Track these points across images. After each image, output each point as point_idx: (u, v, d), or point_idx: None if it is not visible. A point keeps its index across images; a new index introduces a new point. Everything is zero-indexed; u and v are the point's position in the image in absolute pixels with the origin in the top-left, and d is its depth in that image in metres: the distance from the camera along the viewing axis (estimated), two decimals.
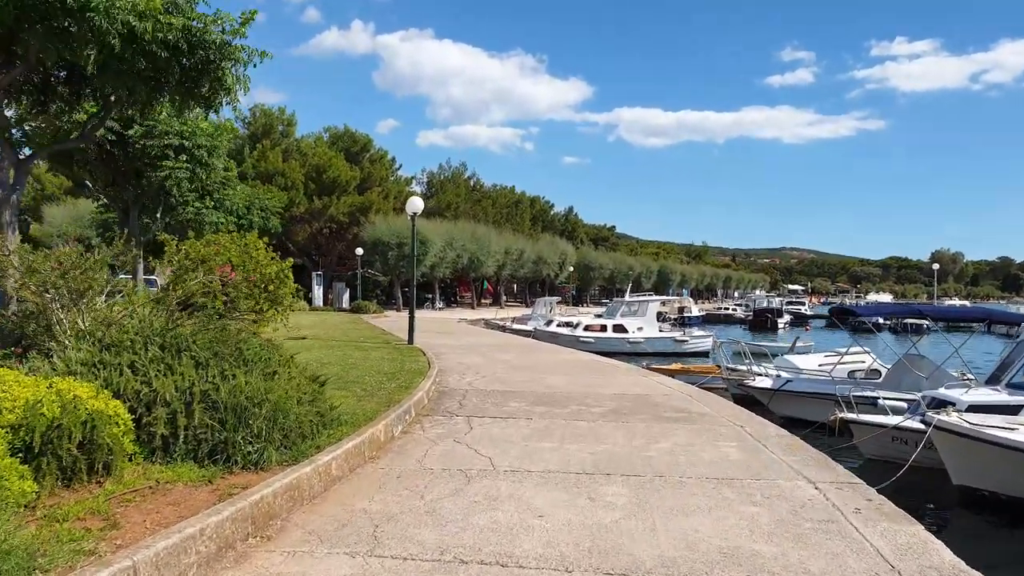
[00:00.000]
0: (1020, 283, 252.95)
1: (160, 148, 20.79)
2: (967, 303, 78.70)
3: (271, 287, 17.26)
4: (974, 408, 10.14)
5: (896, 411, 12.02)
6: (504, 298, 77.75)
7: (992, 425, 8.64)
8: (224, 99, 11.71)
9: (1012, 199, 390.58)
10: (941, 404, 10.70)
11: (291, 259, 17.95)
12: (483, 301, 68.02)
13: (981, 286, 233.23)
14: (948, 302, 66.15)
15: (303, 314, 38.30)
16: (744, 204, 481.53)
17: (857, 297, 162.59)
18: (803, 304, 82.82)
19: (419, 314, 46.63)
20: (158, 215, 22.85)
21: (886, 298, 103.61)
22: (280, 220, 44.32)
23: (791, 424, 15.17)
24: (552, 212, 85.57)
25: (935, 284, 62.30)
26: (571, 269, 71.32)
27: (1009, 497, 8.85)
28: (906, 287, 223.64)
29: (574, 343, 30.18)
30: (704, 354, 32.10)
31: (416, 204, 18.61)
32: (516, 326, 34.73)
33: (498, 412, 9.76)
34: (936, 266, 63.12)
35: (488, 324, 38.10)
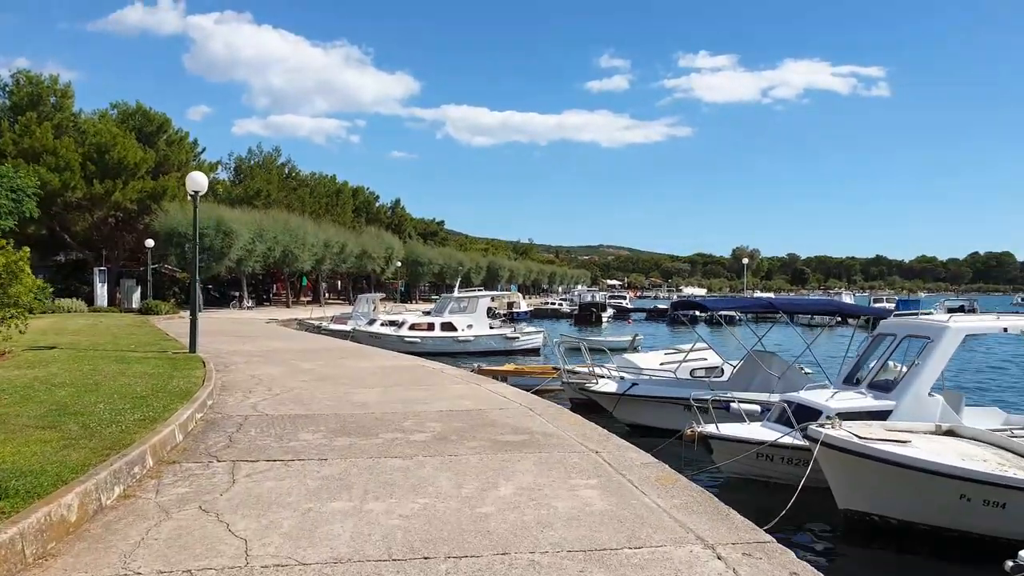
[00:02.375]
0: (805, 277, 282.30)
1: None
2: (771, 295, 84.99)
3: None
4: (843, 415, 9.00)
5: (751, 416, 10.80)
6: (326, 295, 73.31)
7: (883, 439, 7.40)
8: None
9: (796, 202, 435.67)
10: (806, 411, 9.52)
11: (26, 249, 14.01)
12: (301, 299, 63.39)
13: (774, 280, 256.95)
14: (757, 294, 70.87)
15: (77, 316, 32.62)
16: (566, 203, 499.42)
17: (670, 291, 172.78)
18: (624, 298, 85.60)
19: (223, 314, 42.09)
20: None
21: (700, 292, 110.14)
22: (52, 207, 37.89)
23: (639, 432, 13.80)
24: (378, 204, 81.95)
25: (745, 277, 66.57)
26: (399, 264, 68.35)
27: (902, 522, 7.66)
28: (712, 281, 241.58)
29: (398, 344, 27.71)
30: (535, 351, 30.86)
31: (197, 180, 15.29)
32: (333, 326, 31.53)
33: (281, 451, 7.17)
34: (746, 261, 67.54)
35: (302, 324, 34.54)
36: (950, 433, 8.52)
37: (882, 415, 9.33)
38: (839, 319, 13.58)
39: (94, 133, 41.21)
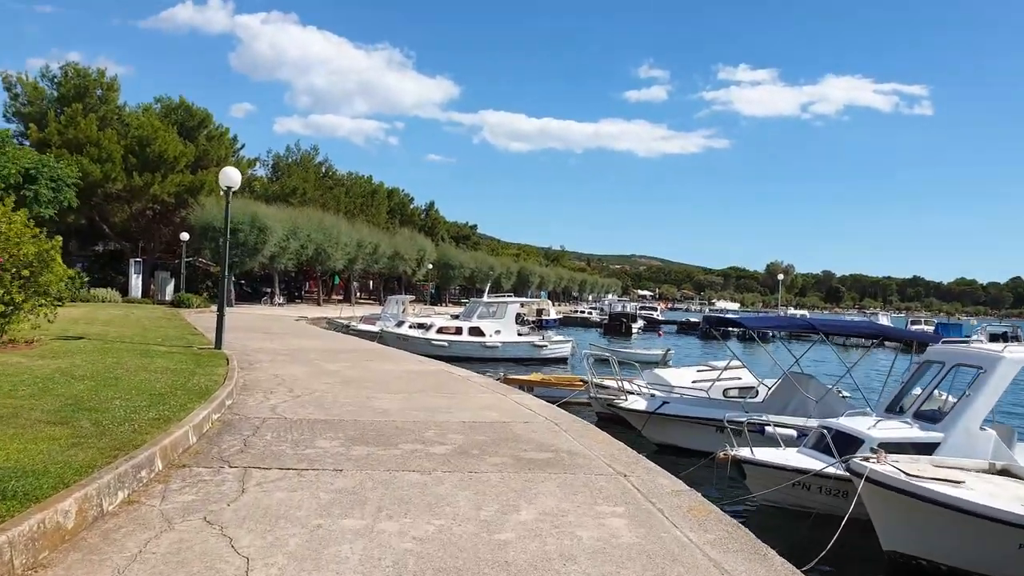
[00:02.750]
0: (840, 295, 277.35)
1: None
2: (806, 312, 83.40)
3: (27, 272, 13.36)
4: (886, 446, 8.46)
5: (787, 440, 10.28)
6: (357, 295, 73.66)
7: (934, 478, 6.88)
8: None
9: (833, 218, 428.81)
10: (847, 439, 9.00)
11: (58, 238, 14.01)
12: (333, 297, 63.70)
13: (808, 296, 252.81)
14: (791, 311, 69.46)
15: (110, 306, 33.02)
16: (599, 211, 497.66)
17: (702, 303, 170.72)
18: (656, 309, 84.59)
19: (254, 310, 42.31)
20: None
21: (733, 306, 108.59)
22: (93, 198, 38.46)
23: (668, 452, 13.32)
24: (412, 206, 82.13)
25: (780, 292, 65.33)
26: (430, 266, 68.35)
27: (952, 569, 7.13)
28: (744, 295, 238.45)
29: (426, 347, 27.45)
30: (563, 360, 30.40)
31: (230, 176, 15.18)
32: (362, 327, 31.41)
33: (296, 458, 6.90)
34: (781, 276, 66.19)
35: (331, 323, 34.51)
36: (1005, 472, 7.96)
37: (928, 448, 8.78)
38: (879, 342, 12.95)
39: (136, 126, 41.80)
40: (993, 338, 46.72)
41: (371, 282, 75.31)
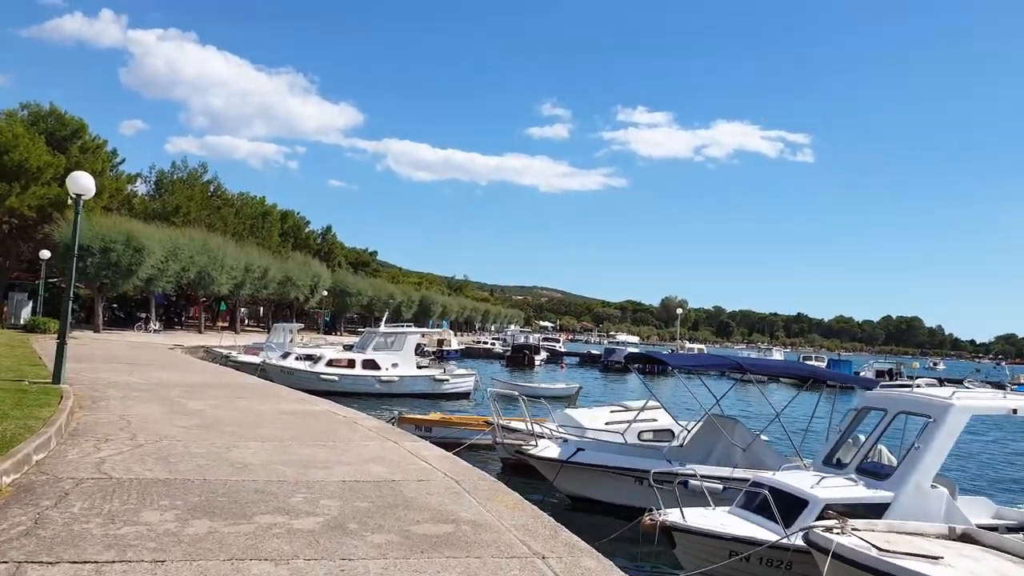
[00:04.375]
0: (730, 330, 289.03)
1: None
2: (703, 347, 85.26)
3: None
4: (832, 507, 7.41)
5: (713, 495, 9.12)
6: (245, 322, 69.60)
7: (909, 554, 5.81)
8: None
9: (724, 256, 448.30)
10: (788, 499, 7.91)
11: None
12: (218, 325, 59.65)
13: (700, 331, 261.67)
14: (687, 344, 70.71)
15: None
16: (502, 243, 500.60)
17: (601, 336, 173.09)
18: (558, 341, 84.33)
19: (125, 337, 38.53)
20: None
21: (632, 339, 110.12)
22: None
23: (584, 506, 11.96)
24: (308, 230, 78.71)
25: (677, 327, 66.31)
26: (325, 293, 65.25)
27: None
28: (641, 328, 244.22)
29: (314, 382, 25.24)
30: (466, 395, 28.75)
31: (80, 183, 12.90)
32: (243, 358, 28.72)
33: (103, 544, 5.08)
34: (680, 312, 67.31)
35: (209, 353, 31.56)
36: (966, 538, 7.04)
37: (878, 508, 7.82)
38: (809, 384, 12.16)
39: None
40: (879, 374, 48.69)
41: (261, 309, 71.33)
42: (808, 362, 49.46)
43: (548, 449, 11.68)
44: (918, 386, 9.52)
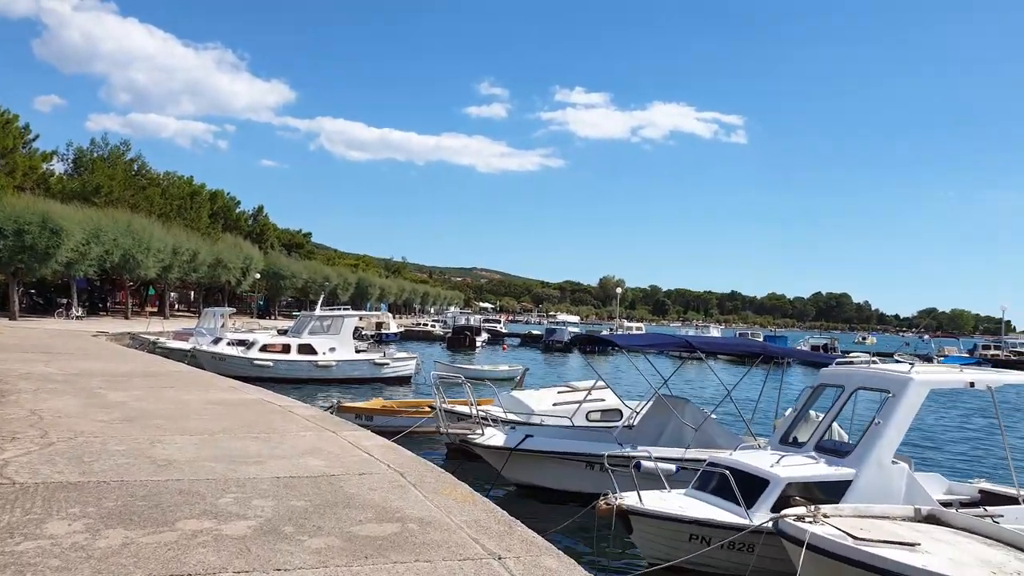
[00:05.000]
0: (666, 308, 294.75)
1: None
2: (641, 326, 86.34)
3: None
4: (794, 486, 7.24)
5: (667, 476, 8.90)
6: (175, 307, 67.08)
7: (886, 542, 5.64)
8: None
9: (659, 236, 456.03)
10: (748, 479, 7.72)
11: None
12: (147, 310, 57.22)
13: (637, 309, 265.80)
14: (626, 324, 71.56)
15: None
16: (440, 224, 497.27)
17: (540, 316, 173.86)
18: (499, 322, 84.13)
19: (44, 324, 36.45)
20: None
21: (572, 319, 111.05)
22: None
23: (533, 492, 11.63)
24: (238, 211, 76.11)
25: (616, 306, 66.97)
26: (257, 276, 63.25)
27: None
28: (580, 308, 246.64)
29: (247, 368, 24.26)
30: (407, 380, 28.13)
31: None
32: (172, 344, 27.40)
33: None
34: (620, 291, 67.94)
35: (135, 340, 30.06)
36: (931, 519, 6.96)
37: (839, 486, 7.70)
38: (760, 360, 12.08)
39: None
40: (815, 349, 50.09)
41: (192, 293, 68.81)
42: (744, 338, 50.49)
43: (495, 437, 11.27)
44: (874, 362, 9.47)
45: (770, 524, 6.76)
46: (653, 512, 7.54)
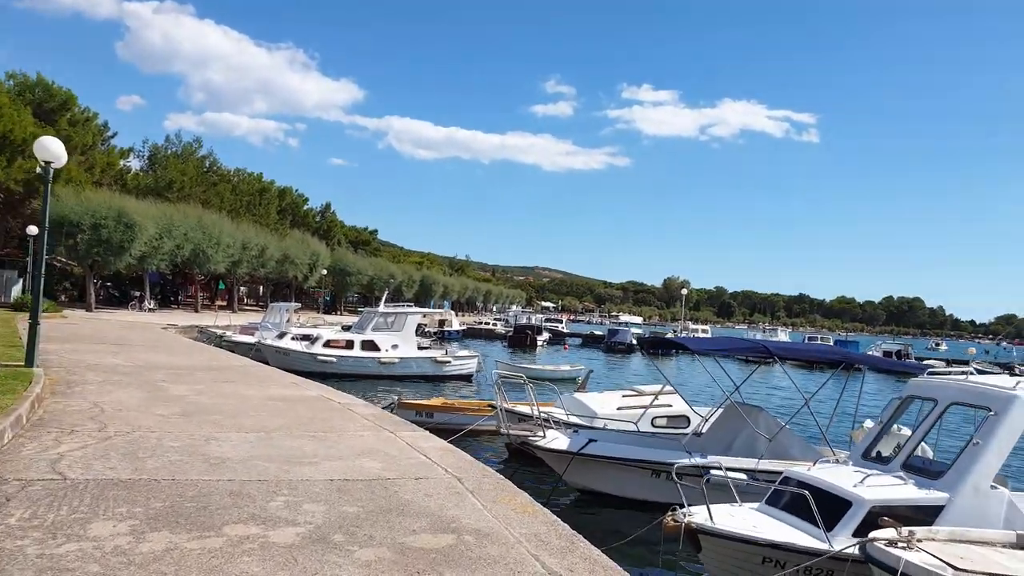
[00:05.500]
0: (732, 310, 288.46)
1: None
2: (707, 328, 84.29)
3: None
4: (880, 509, 6.56)
5: (738, 488, 8.26)
6: (244, 301, 68.82)
7: (982, 573, 4.96)
8: None
9: (727, 237, 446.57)
10: (827, 498, 7.05)
11: None
12: (217, 304, 58.78)
13: (701, 311, 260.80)
14: (693, 327, 69.84)
15: None
16: (504, 222, 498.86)
17: (602, 316, 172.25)
18: (560, 321, 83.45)
19: (119, 316, 37.68)
20: None
21: (635, 320, 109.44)
22: None
23: (594, 499, 11.13)
24: (306, 208, 77.55)
25: (683, 308, 65.51)
26: (324, 272, 64.29)
27: None
28: (643, 309, 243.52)
29: (310, 363, 24.37)
30: (468, 377, 27.88)
31: (49, 148, 11.91)
32: (237, 338, 27.84)
33: (34, 568, 4.27)
34: (685, 292, 66.33)
35: (203, 333, 30.69)
36: None
37: (930, 512, 6.95)
38: (843, 368, 11.20)
39: None
40: (887, 355, 47.77)
41: (260, 288, 70.45)
42: (814, 343, 48.56)
43: (557, 440, 10.79)
44: (971, 374, 8.58)
45: (854, 548, 6.11)
46: (724, 532, 6.92)
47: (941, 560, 5.23)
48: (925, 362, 34.06)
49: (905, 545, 5.40)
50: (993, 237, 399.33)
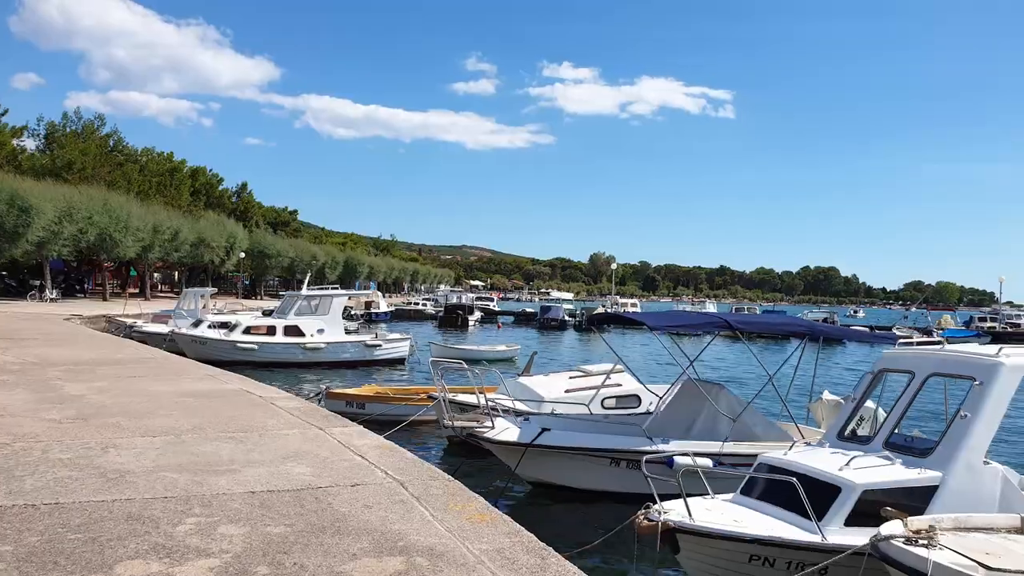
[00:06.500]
0: (656, 284, 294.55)
1: None
2: (637, 302, 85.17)
3: None
4: (872, 493, 6.05)
5: (705, 472, 7.65)
6: (159, 287, 65.44)
7: (1016, 572, 4.45)
8: None
9: (648, 212, 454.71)
10: (813, 485, 6.51)
11: None
12: (128, 292, 55.54)
13: (627, 285, 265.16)
14: (622, 301, 70.34)
15: None
16: (429, 201, 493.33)
17: (532, 293, 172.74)
18: (491, 300, 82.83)
19: (16, 308, 34.86)
20: None
21: (566, 296, 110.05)
22: None
23: (547, 492, 10.41)
24: (221, 188, 74.06)
25: (612, 283, 65.85)
26: (242, 255, 61.52)
27: None
28: (571, 285, 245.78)
29: (230, 352, 22.87)
30: (400, 361, 26.83)
31: None
32: (149, 327, 25.96)
33: None
34: (614, 266, 66.63)
35: (111, 323, 28.56)
36: None
37: (923, 493, 6.50)
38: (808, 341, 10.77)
39: None
40: (824, 321, 49.10)
41: (176, 274, 67.04)
42: (741, 312, 49.44)
43: (507, 431, 9.94)
44: (940, 342, 8.21)
45: (850, 539, 5.58)
46: (706, 530, 6.31)
47: (970, 559, 4.70)
48: (895, 331, 34.30)
49: (926, 542, 4.85)
50: (900, 207, 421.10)
